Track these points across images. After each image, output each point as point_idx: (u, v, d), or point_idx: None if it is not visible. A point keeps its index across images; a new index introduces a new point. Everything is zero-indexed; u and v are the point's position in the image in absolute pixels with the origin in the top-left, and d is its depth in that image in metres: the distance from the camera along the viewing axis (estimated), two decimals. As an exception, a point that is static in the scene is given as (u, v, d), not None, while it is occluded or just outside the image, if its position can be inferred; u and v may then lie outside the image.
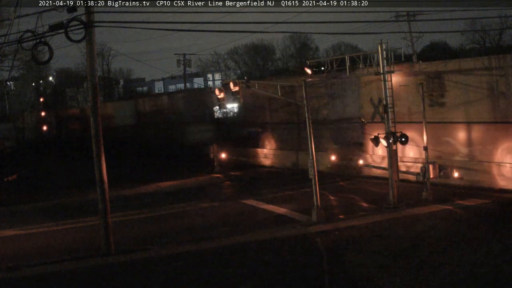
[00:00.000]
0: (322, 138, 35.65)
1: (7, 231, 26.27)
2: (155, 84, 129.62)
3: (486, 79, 27.55)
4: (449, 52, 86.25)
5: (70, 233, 25.34)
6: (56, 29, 19.00)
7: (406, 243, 19.80)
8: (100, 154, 20.81)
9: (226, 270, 18.20)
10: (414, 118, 30.02)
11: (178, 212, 28.60)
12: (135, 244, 22.09)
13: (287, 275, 17.51)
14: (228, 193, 33.68)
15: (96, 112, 20.80)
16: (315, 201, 23.83)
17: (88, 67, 21.13)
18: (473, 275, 16.14)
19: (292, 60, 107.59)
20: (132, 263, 19.72)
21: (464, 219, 22.69)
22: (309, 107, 24.47)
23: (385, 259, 18.01)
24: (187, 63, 72.60)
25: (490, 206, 24.46)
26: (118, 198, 31.46)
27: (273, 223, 24.23)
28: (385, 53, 25.79)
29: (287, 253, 19.72)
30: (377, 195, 27.95)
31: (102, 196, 20.89)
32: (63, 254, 21.18)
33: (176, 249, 21.16)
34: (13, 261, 20.63)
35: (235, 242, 21.59)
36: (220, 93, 26.57)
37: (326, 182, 31.55)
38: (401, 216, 23.66)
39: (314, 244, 20.81)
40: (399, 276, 16.40)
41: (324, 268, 17.80)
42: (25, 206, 32.87)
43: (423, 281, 15.87)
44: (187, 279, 17.74)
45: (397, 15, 56.38)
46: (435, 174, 26.38)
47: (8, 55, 38.41)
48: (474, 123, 28.30)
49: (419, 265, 17.23)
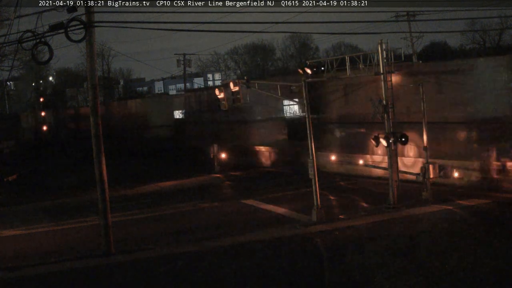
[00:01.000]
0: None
1: (7, 231, 26.28)
2: (155, 84, 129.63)
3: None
4: (449, 52, 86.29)
5: (70, 233, 25.34)
6: (56, 29, 19.00)
7: (406, 243, 19.81)
8: (100, 154, 20.81)
9: (226, 270, 18.20)
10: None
11: (178, 212, 28.60)
12: (135, 244, 22.10)
13: (287, 275, 17.50)
14: (228, 193, 33.69)
15: (96, 112, 20.80)
16: (315, 201, 23.83)
17: (88, 67, 21.13)
18: (473, 275, 16.14)
19: (292, 60, 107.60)
20: (132, 263, 19.71)
21: (464, 219, 22.69)
22: (309, 107, 24.48)
23: (385, 259, 18.00)
24: (187, 63, 72.64)
25: (490, 206, 24.47)
26: (118, 198, 31.47)
27: (273, 223, 24.22)
28: (385, 53, 25.78)
29: (287, 253, 19.71)
30: (377, 195, 27.95)
31: (102, 196, 20.89)
32: (63, 254, 21.19)
33: (176, 249, 21.16)
34: (13, 261, 20.65)
35: (235, 242, 21.59)
36: (220, 93, 26.52)
37: (326, 182, 31.58)
38: (401, 216, 23.65)
39: (314, 244, 20.81)
40: (399, 276, 16.40)
41: (324, 268, 17.80)
42: (25, 206, 32.88)
43: (423, 281, 15.87)
44: (187, 279, 17.74)
45: (397, 15, 56.41)
46: (435, 174, 26.36)
47: (8, 55, 38.48)
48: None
49: (419, 265, 17.23)
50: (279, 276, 17.43)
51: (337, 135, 37.27)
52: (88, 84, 21.27)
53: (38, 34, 18.87)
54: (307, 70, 24.83)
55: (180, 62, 72.20)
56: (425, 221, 22.72)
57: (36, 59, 20.46)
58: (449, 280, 15.78)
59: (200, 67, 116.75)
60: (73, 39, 19.30)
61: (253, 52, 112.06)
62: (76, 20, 19.26)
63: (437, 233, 20.81)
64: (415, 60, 54.20)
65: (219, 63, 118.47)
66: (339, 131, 37.19)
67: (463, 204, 24.83)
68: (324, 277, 16.94)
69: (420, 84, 26.92)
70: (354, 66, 27.35)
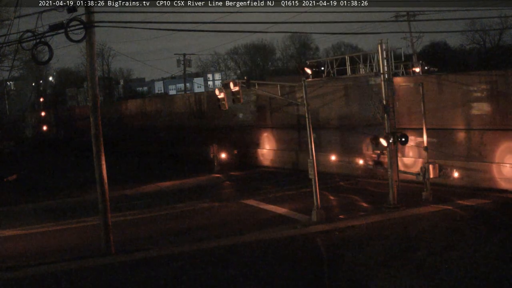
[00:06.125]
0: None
1: (7, 231, 26.26)
2: (155, 84, 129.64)
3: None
4: (449, 52, 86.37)
5: (70, 233, 25.34)
6: (56, 29, 19.00)
7: (406, 243, 19.82)
8: (100, 154, 20.81)
9: (226, 270, 18.21)
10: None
11: (178, 212, 28.59)
12: (135, 244, 22.09)
13: (287, 275, 17.51)
14: (228, 193, 33.67)
15: (96, 112, 20.80)
16: (315, 201, 23.83)
17: (88, 67, 21.13)
18: (473, 275, 16.15)
19: (292, 60, 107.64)
20: (132, 263, 19.71)
21: (464, 219, 22.70)
22: (308, 107, 24.48)
23: (385, 259, 18.01)
24: (187, 63, 72.60)
25: (490, 206, 24.47)
26: (119, 198, 31.46)
27: (273, 223, 24.22)
28: (385, 53, 25.79)
29: (287, 253, 19.72)
30: (377, 195, 27.95)
31: (102, 196, 20.90)
32: (63, 254, 21.19)
33: (176, 249, 21.16)
34: (13, 261, 20.65)
35: (235, 242, 21.59)
36: (220, 93, 26.50)
37: (327, 182, 31.56)
38: (401, 216, 23.66)
39: (314, 244, 20.82)
40: (399, 276, 16.41)
41: (324, 268, 17.81)
42: (25, 206, 32.85)
43: (423, 281, 15.88)
44: (187, 279, 17.74)
45: (397, 15, 56.39)
46: (435, 174, 26.36)
47: (8, 55, 38.46)
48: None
49: (419, 265, 17.23)
50: (279, 276, 17.43)
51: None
52: (88, 84, 21.27)
53: (38, 34, 18.88)
54: (307, 70, 24.81)
55: (180, 62, 72.18)
56: (425, 221, 22.73)
57: (36, 59, 20.47)
58: (449, 280, 15.79)
59: (200, 67, 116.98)
60: (73, 39, 19.30)
61: (253, 52, 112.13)
62: (76, 20, 19.26)
63: (437, 233, 20.82)
64: (415, 60, 54.20)
65: (219, 63, 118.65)
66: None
67: (463, 204, 24.83)
68: (324, 277, 16.95)
69: (421, 84, 26.92)
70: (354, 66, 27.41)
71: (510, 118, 26.56)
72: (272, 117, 41.96)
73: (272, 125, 42.13)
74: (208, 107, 49.10)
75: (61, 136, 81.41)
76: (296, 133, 38.97)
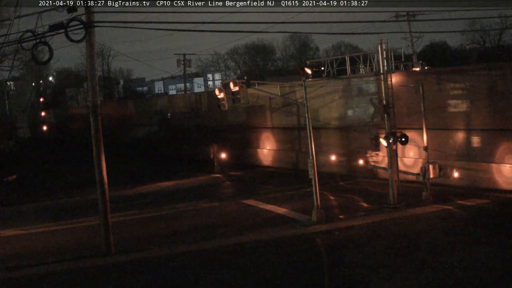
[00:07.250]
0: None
1: (7, 231, 26.27)
2: (155, 84, 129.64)
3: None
4: (449, 52, 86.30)
5: (70, 233, 25.34)
6: (56, 29, 19.00)
7: (406, 243, 19.82)
8: (100, 154, 20.81)
9: (226, 270, 18.21)
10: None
11: (178, 212, 28.59)
12: (135, 244, 22.09)
13: (287, 275, 17.51)
14: (228, 193, 33.67)
15: (96, 112, 20.80)
16: (315, 201, 23.82)
17: (88, 67, 21.14)
18: (473, 275, 16.15)
19: (292, 60, 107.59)
20: (132, 263, 19.72)
21: (464, 219, 22.70)
22: (308, 107, 24.48)
23: (385, 259, 18.01)
24: (187, 63, 72.58)
25: (490, 206, 24.47)
26: (119, 198, 31.46)
27: (273, 223, 24.22)
28: (385, 53, 25.78)
29: (287, 253, 19.72)
30: (377, 195, 27.95)
31: (102, 196, 20.90)
32: (63, 254, 21.18)
33: (176, 249, 21.17)
34: (13, 261, 20.65)
35: (235, 242, 21.60)
36: (220, 93, 26.48)
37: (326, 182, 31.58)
38: (401, 216, 23.66)
39: (314, 244, 20.82)
40: (399, 276, 16.41)
41: (324, 268, 17.81)
42: (25, 206, 32.85)
43: (423, 281, 15.88)
44: (187, 279, 17.75)
45: (397, 15, 56.43)
46: (435, 174, 26.36)
47: (8, 55, 38.52)
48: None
49: (419, 265, 17.23)
50: (279, 276, 17.43)
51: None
52: (88, 84, 21.27)
53: (38, 34, 18.88)
54: (307, 70, 24.80)
55: (180, 62, 72.14)
56: (425, 221, 22.73)
57: (36, 59, 20.46)
58: (449, 280, 15.79)
59: (200, 67, 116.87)
60: (73, 39, 19.31)
61: (253, 52, 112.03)
62: (76, 20, 19.26)
63: (437, 233, 20.81)
64: (415, 60, 54.22)
65: (219, 63, 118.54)
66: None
67: (463, 204, 24.83)
68: (324, 277, 16.95)
69: (421, 84, 26.91)
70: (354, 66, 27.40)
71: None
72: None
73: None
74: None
75: (61, 136, 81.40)
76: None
